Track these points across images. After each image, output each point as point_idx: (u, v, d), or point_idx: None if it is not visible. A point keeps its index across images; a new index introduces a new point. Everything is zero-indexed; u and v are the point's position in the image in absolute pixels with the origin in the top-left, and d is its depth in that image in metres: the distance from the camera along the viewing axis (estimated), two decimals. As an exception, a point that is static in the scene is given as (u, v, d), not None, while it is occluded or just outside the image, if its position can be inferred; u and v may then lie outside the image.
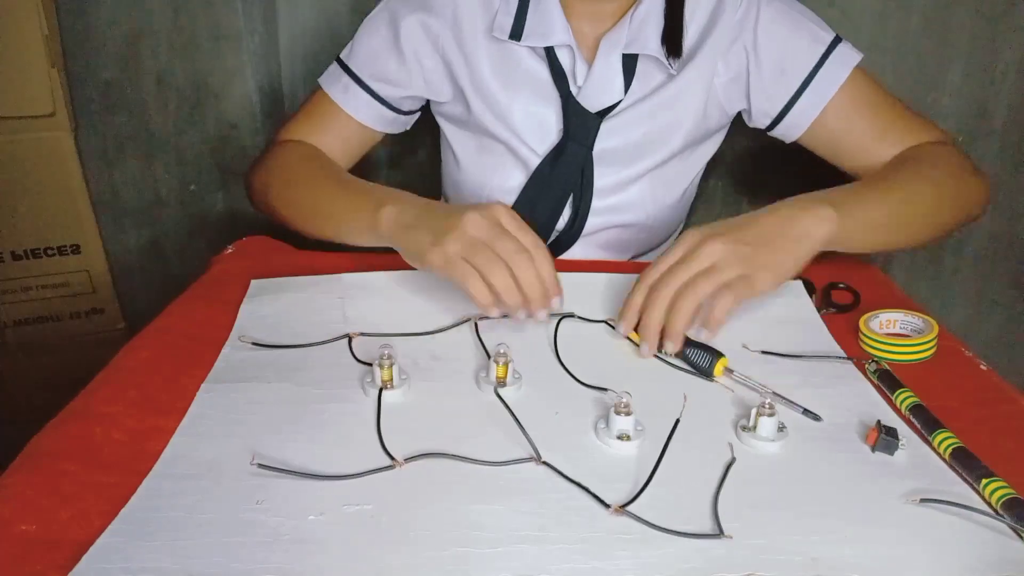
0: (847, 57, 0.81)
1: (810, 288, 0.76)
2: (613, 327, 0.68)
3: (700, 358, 0.62)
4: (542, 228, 0.90)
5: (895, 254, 1.37)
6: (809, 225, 0.66)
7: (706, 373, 0.62)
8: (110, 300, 1.27)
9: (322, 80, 0.88)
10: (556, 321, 0.68)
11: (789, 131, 0.85)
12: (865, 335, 0.67)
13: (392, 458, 0.51)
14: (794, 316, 0.72)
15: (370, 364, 0.60)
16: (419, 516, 0.47)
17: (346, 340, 0.65)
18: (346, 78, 0.86)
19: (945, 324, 0.69)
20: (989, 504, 0.49)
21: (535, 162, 0.87)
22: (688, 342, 0.63)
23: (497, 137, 0.87)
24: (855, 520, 0.48)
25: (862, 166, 0.83)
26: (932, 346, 0.66)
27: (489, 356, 0.60)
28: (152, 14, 1.15)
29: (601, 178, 0.87)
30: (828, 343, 0.68)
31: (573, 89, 0.83)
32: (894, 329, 0.69)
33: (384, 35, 0.85)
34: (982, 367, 0.65)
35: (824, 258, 0.69)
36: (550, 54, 0.83)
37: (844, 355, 0.66)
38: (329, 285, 0.73)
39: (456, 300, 0.71)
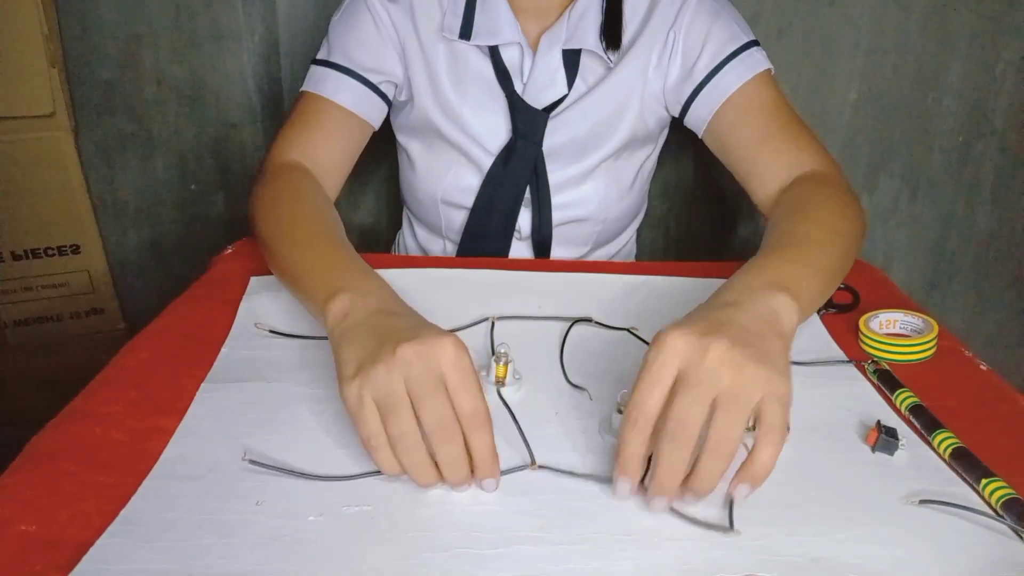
0: (755, 61, 0.83)
1: (810, 288, 0.76)
2: (634, 333, 0.67)
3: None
4: (502, 228, 0.90)
5: (895, 254, 1.37)
6: (786, 320, 0.53)
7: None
8: (110, 300, 1.27)
9: (305, 85, 0.85)
10: (569, 324, 0.68)
11: (695, 123, 0.86)
12: (865, 335, 0.67)
13: (391, 459, 0.51)
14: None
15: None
16: (418, 517, 0.47)
17: None
18: (332, 72, 0.83)
19: (945, 324, 0.69)
20: (989, 504, 0.49)
21: (487, 162, 0.87)
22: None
23: (448, 138, 0.87)
24: (855, 520, 0.48)
25: (746, 172, 0.82)
26: (932, 346, 0.66)
27: (493, 355, 0.60)
28: (152, 14, 1.15)
29: (553, 174, 0.88)
30: (828, 343, 0.68)
31: (518, 87, 0.85)
32: (894, 329, 0.69)
33: (361, 20, 0.84)
34: (982, 367, 0.65)
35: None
36: (494, 53, 0.84)
37: (845, 358, 0.66)
38: None
39: (458, 300, 0.71)
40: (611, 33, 0.82)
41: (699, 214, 1.34)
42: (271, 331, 0.66)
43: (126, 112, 1.21)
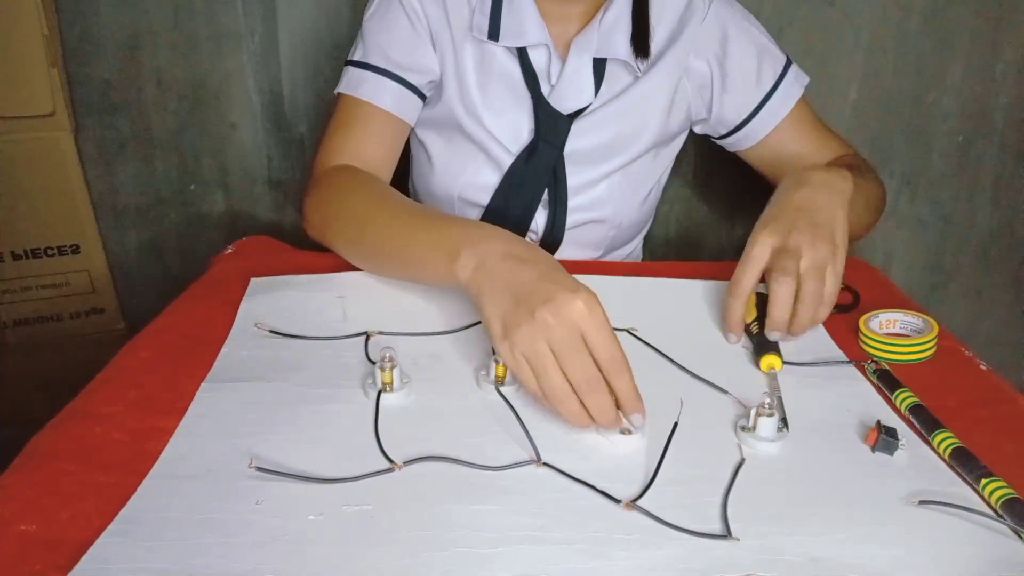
0: (799, 78, 0.90)
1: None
2: (633, 334, 0.68)
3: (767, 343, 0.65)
4: (516, 226, 0.90)
5: (895, 254, 1.37)
6: (839, 206, 0.70)
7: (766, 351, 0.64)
8: (110, 300, 1.27)
9: (343, 88, 0.84)
10: None
11: (741, 142, 0.92)
12: (865, 335, 0.67)
13: (391, 461, 0.51)
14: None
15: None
16: (419, 516, 0.47)
17: (363, 338, 0.65)
18: (370, 74, 0.83)
19: (945, 324, 0.69)
20: (989, 504, 0.49)
21: (507, 161, 0.87)
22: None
23: (469, 135, 0.87)
24: (855, 520, 0.48)
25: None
26: (932, 346, 0.66)
27: (493, 354, 0.60)
28: (152, 15, 1.15)
29: (572, 176, 0.88)
30: (827, 343, 0.68)
31: (544, 90, 0.85)
32: (894, 329, 0.69)
33: (396, 17, 0.84)
34: (982, 367, 0.65)
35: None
36: (522, 55, 0.84)
37: (845, 359, 0.66)
38: (328, 283, 0.73)
39: (457, 300, 0.71)
40: (640, 43, 0.83)
41: (699, 215, 1.34)
42: (271, 331, 0.66)
43: (126, 112, 1.21)
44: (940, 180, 1.32)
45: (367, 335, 0.65)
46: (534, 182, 0.88)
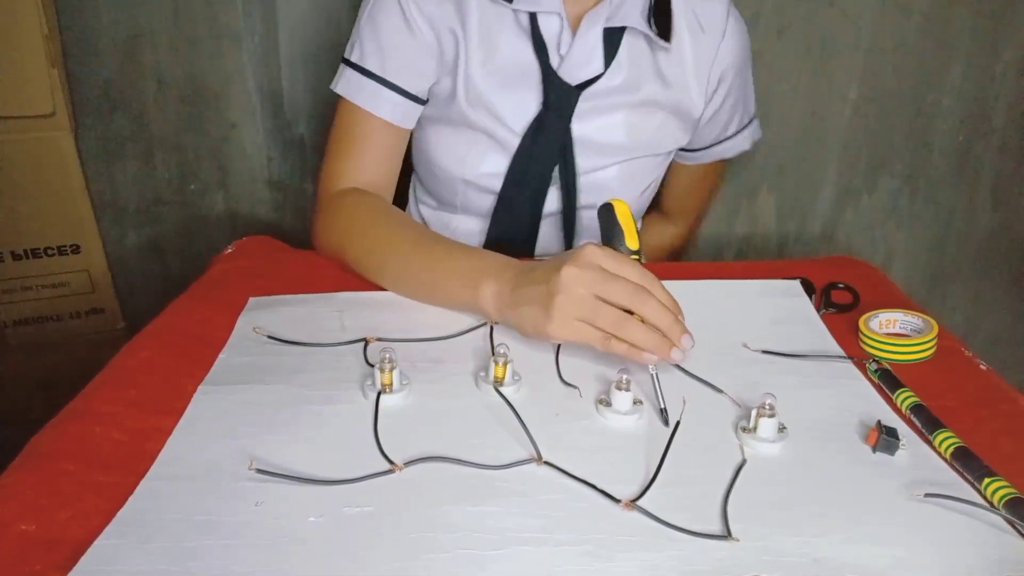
0: (754, 133, 0.98)
1: (810, 288, 0.76)
2: None
3: None
4: (531, 206, 0.89)
5: (895, 254, 1.37)
6: None
7: None
8: (110, 300, 1.27)
9: (341, 89, 0.83)
10: None
11: (688, 157, 1.00)
12: (865, 335, 0.67)
13: (391, 462, 0.51)
14: (794, 316, 0.72)
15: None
16: (420, 518, 0.47)
17: (361, 344, 0.65)
18: (368, 81, 0.82)
19: (945, 324, 0.68)
20: (991, 504, 0.49)
21: (514, 143, 0.85)
22: None
23: (474, 122, 0.84)
24: (857, 521, 0.48)
25: (674, 196, 1.07)
26: (932, 346, 0.66)
27: (493, 354, 0.60)
28: (152, 14, 1.15)
29: (580, 157, 0.86)
30: (828, 343, 0.68)
31: (554, 60, 0.82)
32: (894, 329, 0.69)
33: (392, 19, 0.81)
34: (982, 367, 0.65)
35: (822, 257, 0.69)
36: (533, 23, 0.81)
37: (844, 355, 0.66)
38: (327, 301, 0.73)
39: (456, 311, 0.71)
40: (660, 19, 0.82)
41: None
42: (269, 336, 0.65)
43: (126, 112, 1.21)
44: (940, 180, 1.32)
45: (365, 341, 0.65)
46: (544, 160, 0.85)
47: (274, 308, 0.71)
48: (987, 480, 0.49)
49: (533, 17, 0.81)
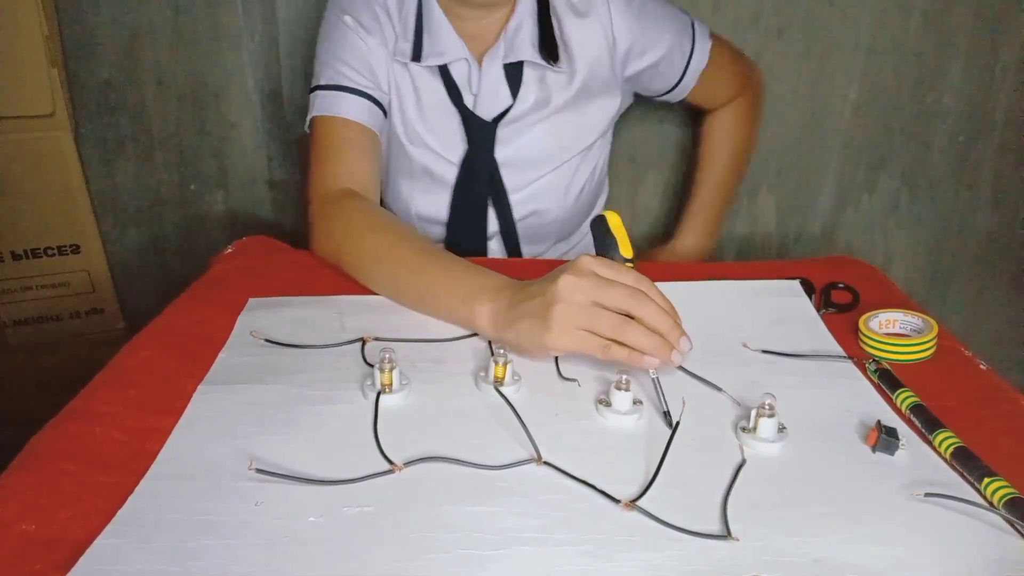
0: (703, 32, 0.96)
1: (809, 288, 0.76)
2: None
3: None
4: (474, 229, 0.97)
5: (895, 254, 1.37)
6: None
7: None
8: (110, 300, 1.27)
9: (317, 111, 0.87)
10: None
11: (674, 97, 1.01)
12: (865, 335, 0.67)
13: (390, 462, 0.51)
14: (794, 316, 0.72)
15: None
16: (420, 518, 0.47)
17: (359, 344, 0.65)
18: (340, 94, 0.86)
19: (945, 324, 0.68)
20: (991, 504, 0.49)
21: (451, 175, 0.93)
22: None
23: (414, 159, 0.93)
24: (857, 521, 0.48)
25: (708, 100, 1.06)
26: (932, 346, 0.66)
27: (492, 354, 0.60)
28: (152, 14, 1.15)
29: (508, 179, 0.94)
30: (828, 343, 0.68)
31: (468, 100, 0.91)
32: (894, 329, 0.69)
33: (349, 41, 0.88)
34: (982, 367, 0.65)
35: (822, 257, 0.69)
36: (444, 73, 0.90)
37: (844, 354, 0.66)
38: (327, 303, 0.73)
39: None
40: (547, 45, 0.89)
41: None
42: (267, 340, 0.65)
43: (126, 112, 1.21)
44: (940, 180, 1.32)
45: (363, 341, 0.65)
46: (477, 190, 0.94)
47: (273, 309, 0.71)
48: (987, 480, 0.49)
49: (444, 66, 0.89)
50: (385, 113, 0.90)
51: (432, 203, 0.95)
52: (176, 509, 0.47)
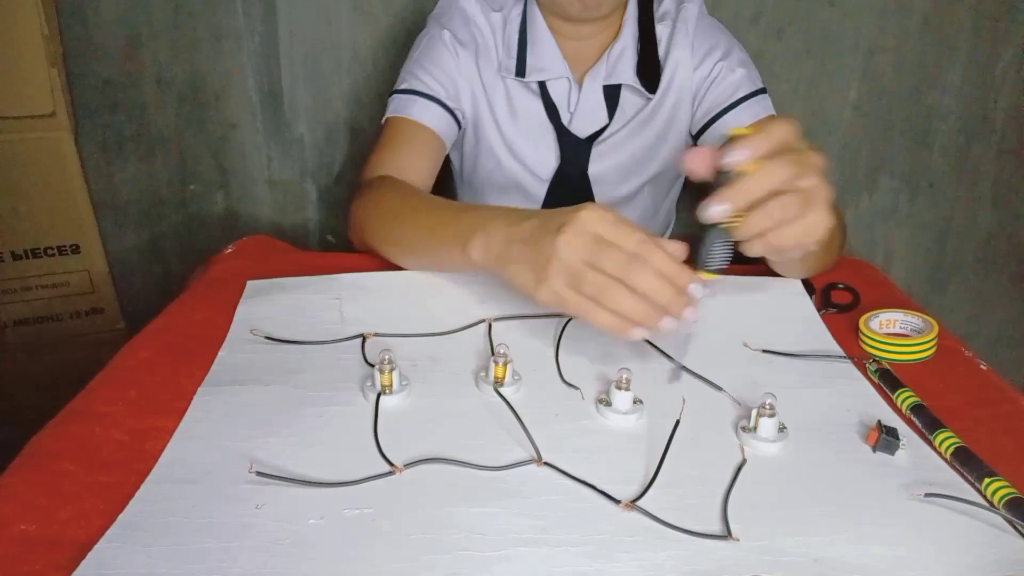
0: (765, 105, 0.93)
1: (809, 288, 0.76)
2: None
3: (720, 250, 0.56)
4: None
5: (895, 254, 1.37)
6: None
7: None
8: (110, 300, 1.27)
9: (391, 112, 0.90)
10: (564, 323, 0.68)
11: (718, 128, 0.95)
12: (865, 335, 0.67)
13: (391, 464, 0.51)
14: (794, 315, 0.72)
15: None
16: (420, 519, 0.47)
17: (359, 340, 0.65)
18: (417, 98, 0.90)
19: (945, 324, 0.68)
20: (991, 504, 0.49)
21: (541, 192, 0.97)
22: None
23: (506, 169, 0.97)
24: (857, 521, 0.48)
25: None
26: (932, 346, 0.66)
27: (492, 355, 0.60)
28: (152, 14, 1.15)
29: (599, 196, 0.98)
30: (828, 343, 0.68)
31: (564, 118, 0.94)
32: (894, 329, 0.69)
33: (441, 55, 0.92)
34: (982, 367, 0.65)
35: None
36: (543, 89, 0.93)
37: (844, 354, 0.66)
38: (325, 285, 0.73)
39: (456, 299, 0.71)
40: (647, 71, 0.92)
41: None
42: (267, 337, 0.65)
43: (126, 112, 1.21)
44: (940, 180, 1.32)
45: (363, 337, 0.65)
46: (565, 205, 0.93)
47: (272, 295, 0.72)
48: (987, 480, 0.49)
49: (543, 83, 0.93)
50: (459, 124, 0.93)
51: None
52: (177, 512, 0.47)
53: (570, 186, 0.97)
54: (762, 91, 0.93)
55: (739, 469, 0.51)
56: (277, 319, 0.68)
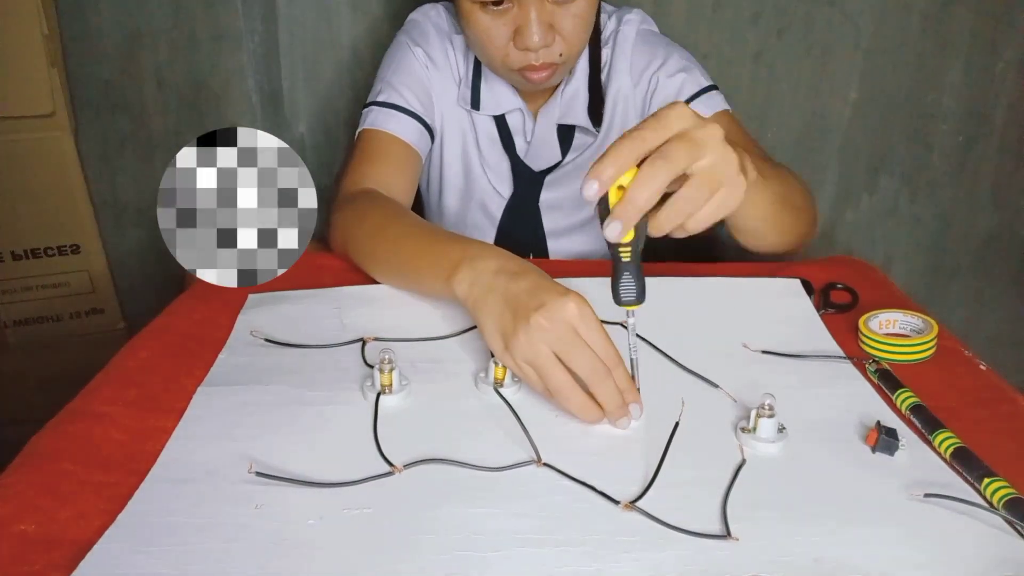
0: (715, 102, 0.91)
1: (809, 288, 0.76)
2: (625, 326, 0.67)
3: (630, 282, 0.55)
4: None
5: (895, 254, 1.37)
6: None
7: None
8: (110, 300, 1.27)
9: (367, 125, 0.90)
10: None
11: None
12: (864, 335, 0.67)
13: (391, 464, 0.51)
14: (793, 316, 0.72)
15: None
16: (420, 520, 0.47)
17: (359, 344, 0.65)
18: (391, 111, 0.90)
19: (945, 324, 0.68)
20: (991, 504, 0.49)
21: (499, 207, 1.00)
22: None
23: (471, 193, 0.99)
24: (856, 521, 0.48)
25: None
26: (932, 346, 0.66)
27: (492, 356, 0.60)
28: (152, 14, 1.15)
29: (551, 222, 1.01)
30: (828, 343, 0.68)
31: (520, 146, 0.97)
32: (894, 329, 0.69)
33: (413, 68, 0.93)
34: (982, 367, 0.65)
35: (821, 257, 0.68)
36: (499, 121, 0.96)
37: (844, 355, 0.66)
38: (325, 297, 0.73)
39: (456, 310, 0.71)
40: (595, 111, 0.94)
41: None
42: (267, 339, 0.65)
43: (126, 112, 1.21)
44: (940, 180, 1.32)
45: (363, 341, 0.65)
46: (519, 231, 1.01)
47: (273, 306, 0.71)
48: (987, 480, 0.49)
49: (500, 117, 0.96)
50: (432, 140, 0.95)
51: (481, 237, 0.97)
52: (176, 512, 0.47)
53: (523, 215, 1.00)
54: (709, 88, 0.92)
55: (738, 469, 0.51)
56: (277, 327, 0.67)
